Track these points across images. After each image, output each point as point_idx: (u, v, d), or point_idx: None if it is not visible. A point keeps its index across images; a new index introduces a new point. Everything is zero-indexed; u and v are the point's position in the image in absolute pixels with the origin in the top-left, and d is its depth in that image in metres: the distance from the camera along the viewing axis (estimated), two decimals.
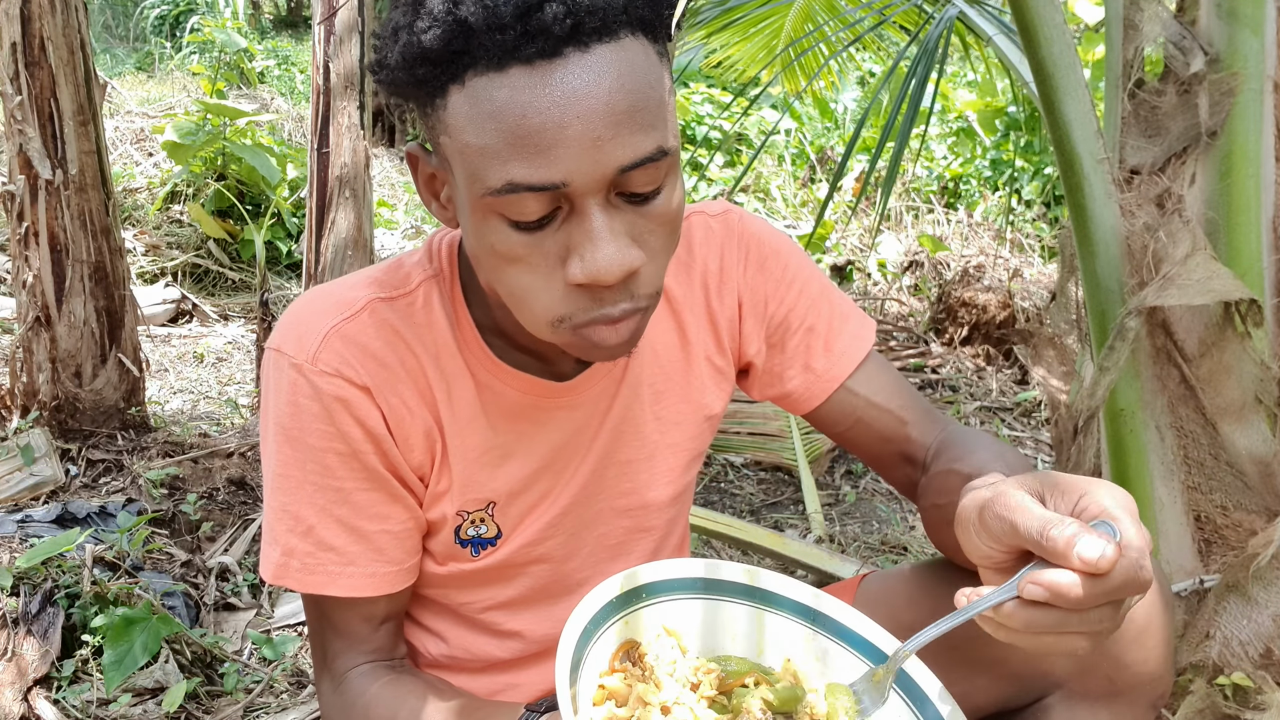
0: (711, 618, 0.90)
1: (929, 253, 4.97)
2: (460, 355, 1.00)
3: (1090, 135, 1.51)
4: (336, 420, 0.95)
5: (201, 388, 3.70)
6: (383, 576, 1.00)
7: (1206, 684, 1.37)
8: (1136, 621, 0.97)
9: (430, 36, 0.79)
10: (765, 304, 1.13)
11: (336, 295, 0.99)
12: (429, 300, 1.00)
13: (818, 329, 1.13)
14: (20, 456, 2.61)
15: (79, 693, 1.82)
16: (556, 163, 0.78)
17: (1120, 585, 0.69)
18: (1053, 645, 0.72)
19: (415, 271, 1.02)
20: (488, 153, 0.80)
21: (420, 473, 1.02)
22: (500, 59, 0.78)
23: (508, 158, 0.79)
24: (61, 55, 2.68)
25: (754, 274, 1.13)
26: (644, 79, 0.81)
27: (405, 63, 0.83)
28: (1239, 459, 1.47)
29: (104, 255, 2.83)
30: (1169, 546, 1.51)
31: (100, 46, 10.86)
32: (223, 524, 2.46)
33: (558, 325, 0.87)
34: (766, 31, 3.60)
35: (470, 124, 0.81)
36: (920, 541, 2.59)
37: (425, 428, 1.00)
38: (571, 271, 0.83)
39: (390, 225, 5.57)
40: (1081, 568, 0.68)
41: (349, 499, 0.98)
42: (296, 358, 0.95)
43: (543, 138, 0.78)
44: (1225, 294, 1.41)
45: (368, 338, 0.97)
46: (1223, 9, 1.47)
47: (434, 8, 0.80)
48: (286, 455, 0.97)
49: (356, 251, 3.30)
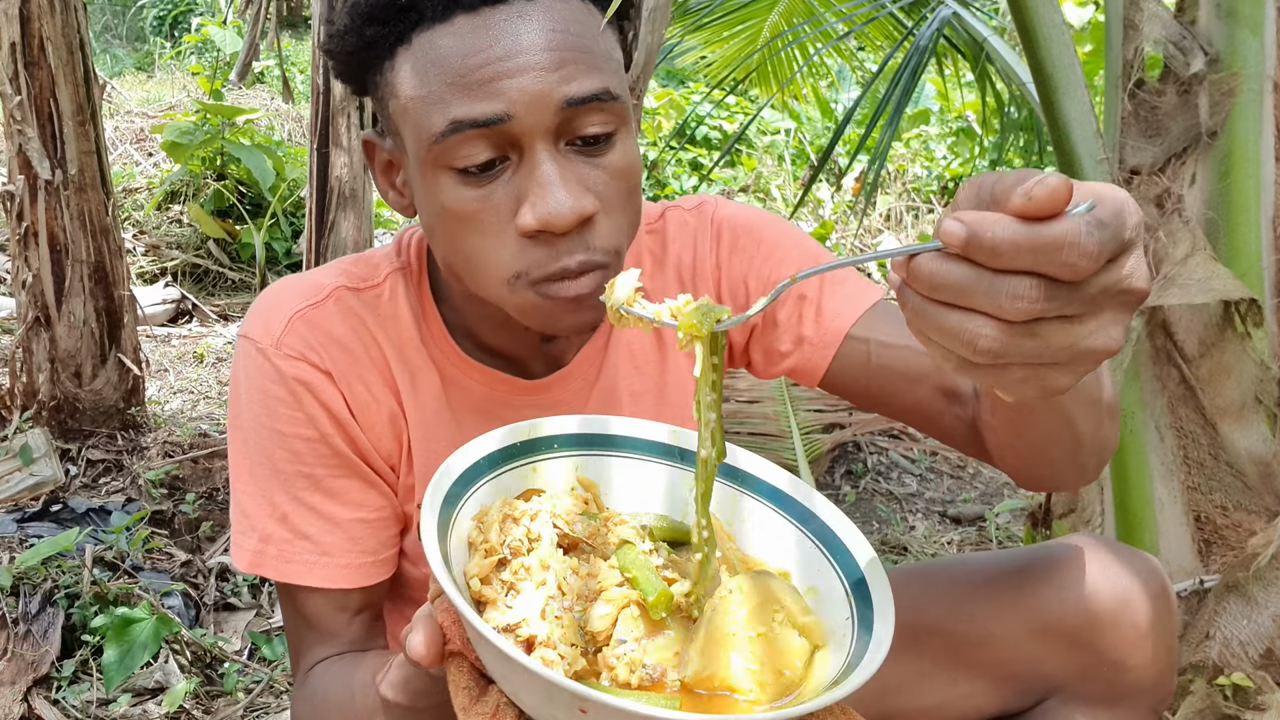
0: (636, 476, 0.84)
1: None
2: (425, 348, 1.00)
3: (1090, 135, 1.51)
4: (303, 404, 0.94)
5: (201, 388, 3.70)
6: (358, 568, 0.98)
7: (1206, 684, 1.37)
8: (1139, 624, 0.96)
9: None
10: (744, 283, 1.09)
11: (305, 282, 1.00)
12: (395, 293, 1.00)
13: (809, 296, 1.05)
14: (19, 457, 2.61)
15: (79, 693, 1.82)
16: (499, 95, 0.80)
17: (1050, 242, 0.52)
18: (956, 328, 0.55)
19: (383, 264, 1.02)
20: (431, 99, 0.82)
21: (390, 461, 1.00)
22: (445, 9, 0.81)
23: (450, 99, 0.81)
24: (61, 55, 2.67)
25: (727, 256, 1.09)
26: (589, 29, 0.84)
27: (353, 25, 0.85)
28: (1239, 459, 1.47)
29: (104, 255, 2.83)
30: (1169, 546, 1.51)
31: (100, 46, 10.86)
32: (223, 524, 2.46)
33: (514, 283, 0.86)
34: (744, 35, 3.58)
35: (415, 76, 0.83)
36: (920, 542, 2.60)
37: (390, 414, 0.99)
38: (523, 219, 0.82)
39: (390, 225, 5.57)
40: (1018, 202, 0.52)
41: (320, 485, 0.96)
42: (261, 342, 0.95)
43: (484, 72, 0.80)
44: (1225, 294, 1.41)
45: (332, 323, 0.97)
46: (1222, 9, 1.47)
47: None
48: (256, 442, 0.96)
49: (356, 252, 3.30)
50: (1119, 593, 0.96)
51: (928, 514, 2.81)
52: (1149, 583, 0.97)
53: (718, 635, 0.69)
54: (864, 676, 0.64)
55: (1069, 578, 0.98)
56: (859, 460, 3.06)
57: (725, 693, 0.68)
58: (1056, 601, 0.98)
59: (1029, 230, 0.52)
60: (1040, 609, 0.98)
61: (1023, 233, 0.52)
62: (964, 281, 0.54)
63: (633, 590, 0.72)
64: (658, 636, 0.71)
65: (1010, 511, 2.71)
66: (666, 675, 0.69)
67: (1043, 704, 1.04)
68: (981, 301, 0.54)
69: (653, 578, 0.72)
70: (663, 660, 0.69)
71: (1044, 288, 0.53)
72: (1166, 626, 0.98)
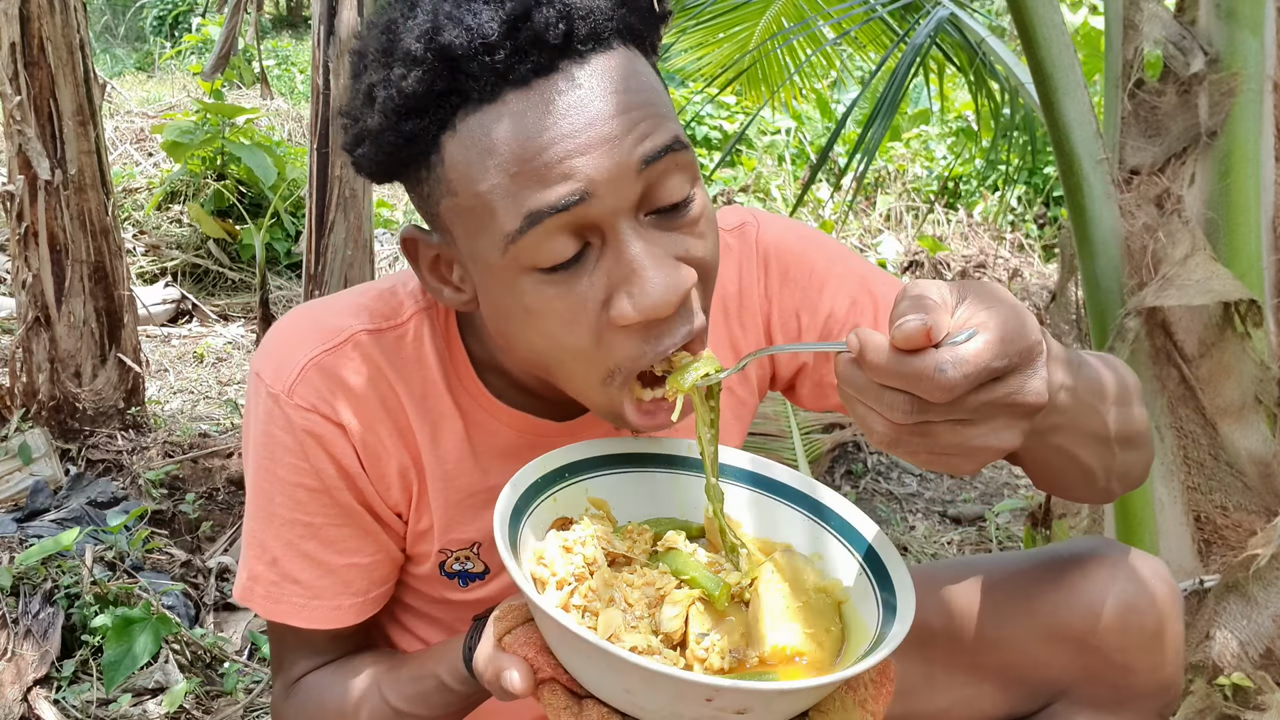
0: (634, 487, 0.92)
1: (928, 253, 4.97)
2: (449, 394, 0.95)
3: (1090, 136, 1.51)
4: (309, 455, 0.91)
5: (201, 388, 3.70)
6: (349, 609, 0.97)
7: (1206, 684, 1.37)
8: (1147, 629, 0.96)
9: (412, 80, 0.73)
10: (797, 316, 1.04)
11: (321, 322, 0.94)
12: (419, 334, 0.94)
13: (863, 325, 1.01)
14: (19, 457, 2.61)
15: (79, 693, 1.82)
16: (573, 174, 0.72)
17: (911, 374, 0.60)
18: (862, 416, 0.65)
19: (408, 302, 0.95)
20: (498, 193, 0.74)
21: (397, 509, 0.97)
22: (493, 87, 0.73)
23: (520, 189, 0.73)
24: (60, 55, 2.67)
25: (778, 289, 1.04)
26: (646, 80, 0.77)
27: (388, 122, 0.75)
28: (1239, 459, 1.47)
29: (103, 255, 2.83)
30: (1169, 547, 1.51)
31: (100, 46, 10.86)
32: (222, 524, 2.46)
33: (610, 382, 0.80)
34: (736, 39, 3.55)
35: (472, 169, 0.74)
36: (920, 542, 2.60)
37: (401, 467, 0.95)
38: (621, 311, 0.76)
39: (390, 225, 5.57)
40: (893, 333, 0.61)
41: (318, 534, 0.94)
42: (274, 386, 0.91)
43: (553, 153, 0.72)
44: (1224, 295, 1.41)
45: (347, 372, 0.91)
46: (1222, 9, 1.47)
47: (409, 49, 0.74)
48: (257, 484, 0.94)
49: (356, 251, 3.29)
50: (1127, 597, 0.96)
51: (928, 514, 2.81)
52: (1157, 586, 0.97)
53: (776, 611, 0.80)
54: (907, 615, 0.75)
55: (1077, 582, 0.98)
56: (859, 460, 3.06)
57: (797, 658, 0.78)
58: (1064, 605, 0.98)
59: (896, 360, 0.61)
60: (1048, 613, 0.98)
61: (892, 362, 0.61)
62: (860, 385, 0.64)
63: (693, 589, 0.79)
64: (721, 624, 0.79)
65: (1010, 511, 2.71)
66: (746, 655, 0.78)
67: (1050, 707, 1.04)
68: (873, 404, 0.64)
69: (708, 574, 0.81)
70: (734, 644, 0.78)
71: (916, 403, 0.62)
72: (1174, 630, 0.98)
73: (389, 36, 0.77)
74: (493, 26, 0.72)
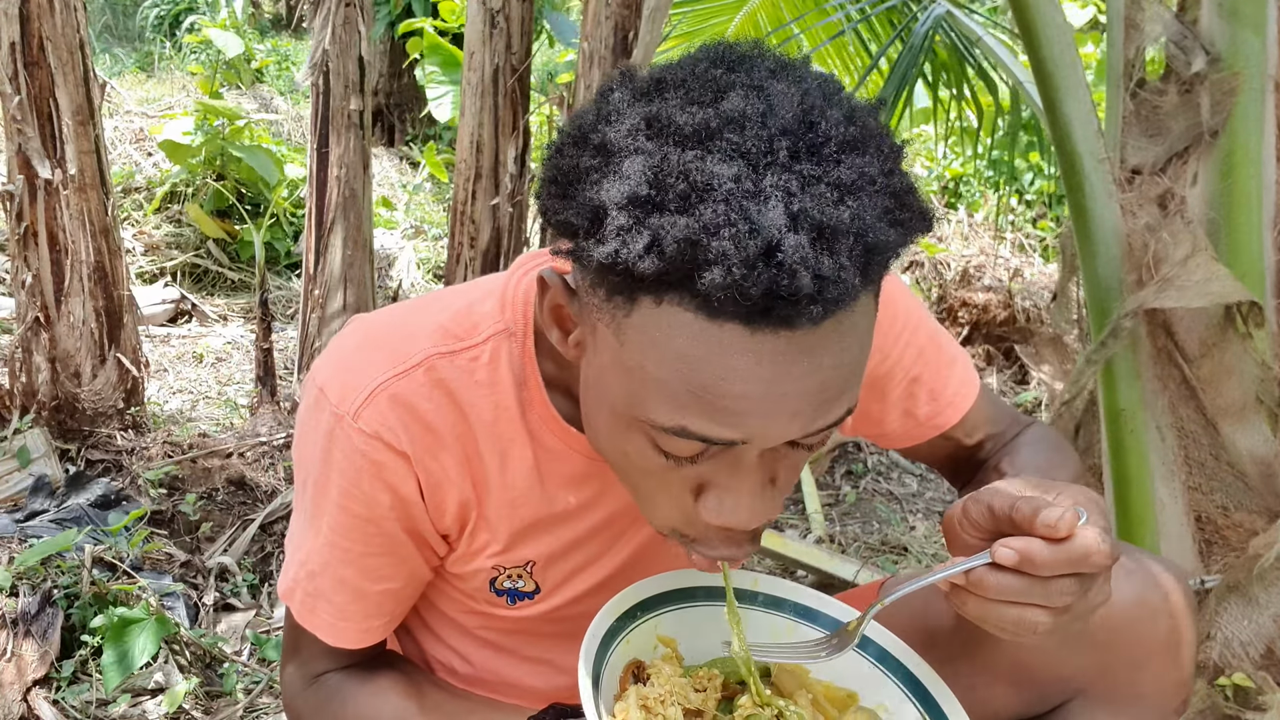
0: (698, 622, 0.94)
1: (928, 253, 4.97)
2: (522, 419, 0.92)
3: (1091, 135, 1.51)
4: (364, 482, 0.89)
5: (201, 388, 3.70)
6: (375, 630, 0.99)
7: (1207, 684, 1.37)
8: (1161, 627, 0.96)
9: (648, 263, 0.65)
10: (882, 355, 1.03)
11: (392, 342, 0.91)
12: (496, 357, 0.91)
13: (923, 378, 1.04)
14: (18, 457, 2.61)
15: (79, 693, 1.82)
16: (741, 425, 0.70)
17: (1081, 555, 0.72)
18: (1017, 618, 0.74)
19: (485, 322, 0.91)
20: (666, 390, 0.70)
21: (446, 534, 0.97)
22: (719, 306, 0.65)
23: (687, 405, 0.69)
24: (60, 55, 2.67)
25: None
26: (862, 347, 0.72)
27: (603, 265, 0.67)
28: (1240, 459, 1.47)
29: (103, 255, 2.83)
30: (1170, 547, 1.51)
31: (100, 46, 10.86)
32: (222, 524, 2.46)
33: (670, 533, 0.83)
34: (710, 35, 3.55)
35: (656, 352, 0.69)
36: (920, 542, 2.59)
37: (462, 498, 0.93)
38: (707, 507, 0.77)
39: (390, 225, 5.56)
40: (1044, 532, 0.72)
41: (355, 561, 0.94)
42: (339, 407, 0.88)
43: (738, 404, 0.69)
44: (1223, 296, 1.41)
45: (418, 399, 0.88)
46: (1224, 8, 1.47)
47: (664, 232, 0.64)
48: (310, 496, 0.93)
49: (356, 251, 3.29)
50: (1139, 597, 0.96)
51: (928, 514, 2.81)
52: (1170, 587, 0.97)
53: None
54: None
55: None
56: (859, 460, 3.06)
57: None
58: None
59: (1064, 549, 0.72)
60: None
61: (1060, 552, 0.72)
62: (1021, 588, 0.73)
63: None
64: None
65: None
66: None
67: (1064, 706, 1.03)
68: (1038, 599, 0.74)
69: None
70: None
71: (1080, 581, 0.74)
72: (1188, 630, 0.97)
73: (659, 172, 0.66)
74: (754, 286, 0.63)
